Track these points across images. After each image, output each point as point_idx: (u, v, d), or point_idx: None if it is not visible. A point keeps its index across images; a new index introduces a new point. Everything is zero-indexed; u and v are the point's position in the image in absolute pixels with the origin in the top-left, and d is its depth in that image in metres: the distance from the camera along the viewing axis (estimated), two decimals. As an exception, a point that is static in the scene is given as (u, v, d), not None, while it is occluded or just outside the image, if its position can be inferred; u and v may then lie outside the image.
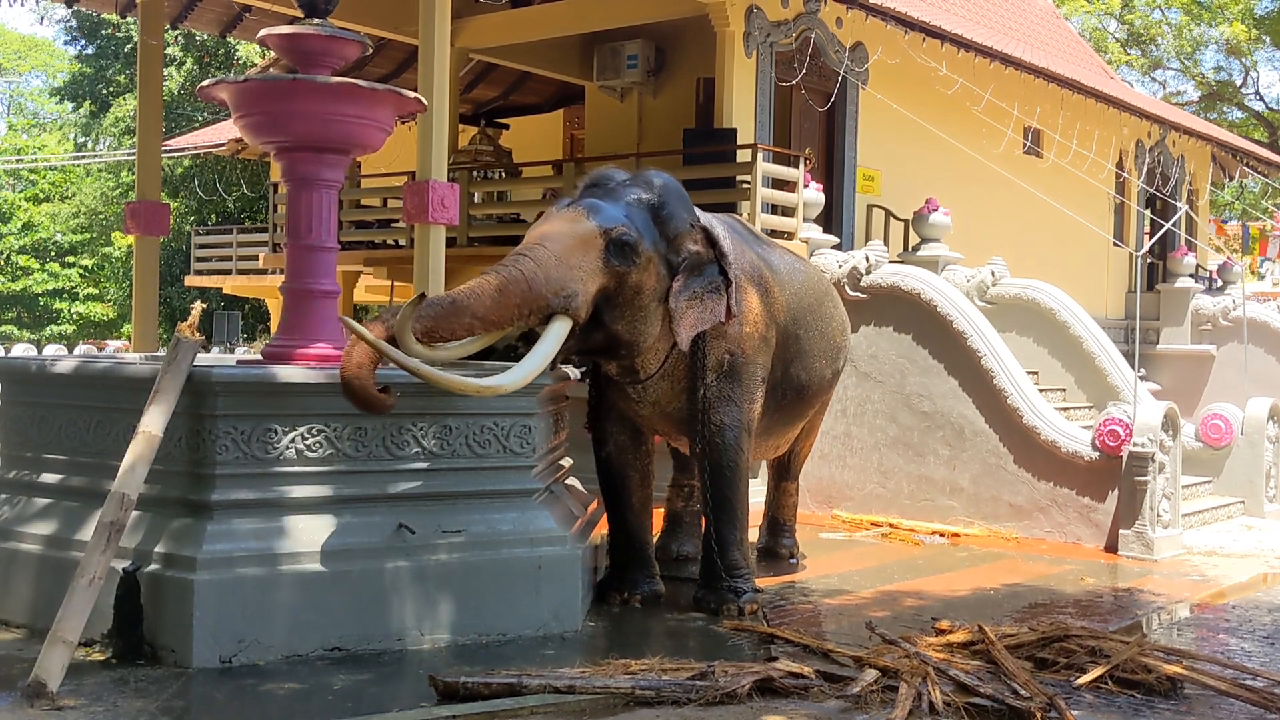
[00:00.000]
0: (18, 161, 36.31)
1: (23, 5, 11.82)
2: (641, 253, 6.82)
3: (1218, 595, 8.61)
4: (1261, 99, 36.12)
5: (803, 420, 8.67)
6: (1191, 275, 18.19)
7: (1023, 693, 5.54)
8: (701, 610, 7.34)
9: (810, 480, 11.04)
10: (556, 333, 6.55)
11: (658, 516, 8.71)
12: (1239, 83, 35.22)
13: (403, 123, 9.35)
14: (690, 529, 8.90)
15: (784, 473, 9.22)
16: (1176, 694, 5.83)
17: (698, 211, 7.35)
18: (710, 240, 7.24)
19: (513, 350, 7.14)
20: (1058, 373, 12.61)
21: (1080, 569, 9.28)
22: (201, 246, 22.45)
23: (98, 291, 35.07)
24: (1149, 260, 18.81)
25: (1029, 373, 11.52)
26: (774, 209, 12.21)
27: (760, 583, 7.92)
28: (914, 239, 13.65)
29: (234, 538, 6.07)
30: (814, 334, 8.21)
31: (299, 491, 6.28)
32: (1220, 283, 18.72)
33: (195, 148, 23.46)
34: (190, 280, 22.30)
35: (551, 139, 17.14)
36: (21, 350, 19.75)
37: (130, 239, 19.72)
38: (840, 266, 11.71)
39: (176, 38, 27.08)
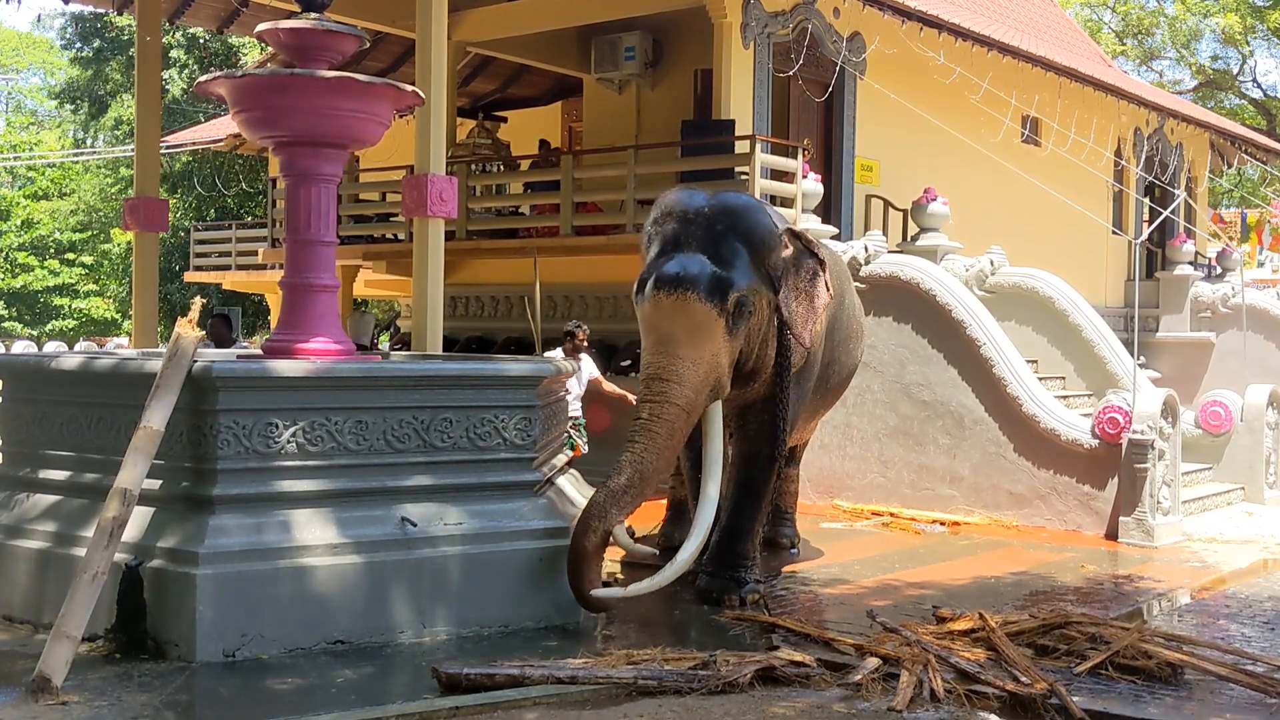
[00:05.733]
0: (16, 159, 36.27)
1: (19, 3, 11.78)
2: (755, 295, 6.85)
3: (1218, 581, 8.63)
4: (1259, 86, 36.10)
5: (837, 400, 8.74)
6: (1190, 263, 18.19)
7: (1024, 680, 5.57)
8: (704, 600, 7.36)
9: (811, 470, 11.06)
10: (717, 429, 6.80)
11: (660, 506, 8.76)
12: (1235, 71, 35.15)
13: (400, 117, 9.32)
14: (693, 519, 8.90)
15: (788, 458, 9.21)
16: (1177, 679, 5.86)
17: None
18: (795, 234, 7.26)
19: (513, 343, 7.16)
20: (1057, 361, 12.61)
21: (1081, 556, 9.30)
22: (201, 242, 22.49)
23: (98, 288, 35.06)
24: (1148, 248, 18.79)
25: (1028, 361, 11.54)
26: (773, 200, 12.20)
27: (761, 572, 7.93)
28: (913, 228, 13.64)
29: (236, 532, 6.08)
30: (849, 316, 8.28)
31: (301, 486, 6.30)
32: (1219, 270, 18.71)
33: (194, 143, 23.47)
34: (190, 276, 22.35)
35: (549, 132, 17.12)
36: (22, 347, 19.73)
37: (130, 235, 19.69)
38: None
39: (177, 38, 27.01)
